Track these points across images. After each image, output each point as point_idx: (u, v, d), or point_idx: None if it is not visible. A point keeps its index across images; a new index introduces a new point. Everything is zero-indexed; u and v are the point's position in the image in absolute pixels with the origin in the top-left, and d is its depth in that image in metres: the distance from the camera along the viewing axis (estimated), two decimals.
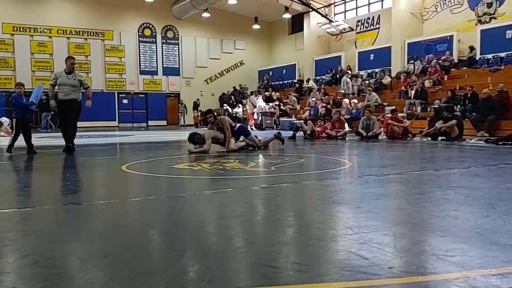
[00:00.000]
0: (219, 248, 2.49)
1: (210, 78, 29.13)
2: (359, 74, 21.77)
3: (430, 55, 18.26)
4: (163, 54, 27.77)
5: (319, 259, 2.24)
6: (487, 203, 3.52)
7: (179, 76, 28.24)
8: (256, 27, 28.21)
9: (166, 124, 27.66)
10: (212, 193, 4.31)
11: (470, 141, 10.74)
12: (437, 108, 12.83)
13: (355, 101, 17.15)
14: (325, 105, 17.53)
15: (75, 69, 8.91)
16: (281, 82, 27.64)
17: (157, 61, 27.60)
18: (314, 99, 18.95)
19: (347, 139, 12.12)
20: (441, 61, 17.63)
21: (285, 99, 22.54)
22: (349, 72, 21.43)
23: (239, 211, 3.44)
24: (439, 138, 11.28)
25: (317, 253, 2.33)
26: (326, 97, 18.81)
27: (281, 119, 20.22)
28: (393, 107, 14.62)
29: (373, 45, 22.58)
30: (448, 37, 18.34)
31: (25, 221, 3.25)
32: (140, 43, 26.99)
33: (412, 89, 16.49)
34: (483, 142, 10.23)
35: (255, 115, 20.76)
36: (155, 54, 27.55)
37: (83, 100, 8.77)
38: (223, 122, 8.51)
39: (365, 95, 18.02)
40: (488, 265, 2.07)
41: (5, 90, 22.47)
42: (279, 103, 21.55)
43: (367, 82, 20.52)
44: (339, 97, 18.04)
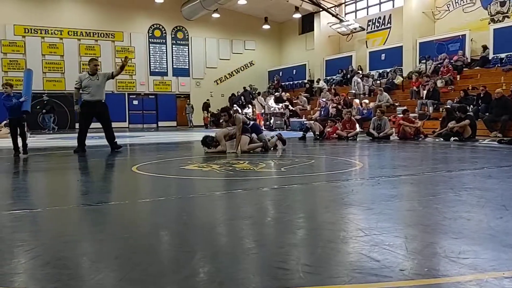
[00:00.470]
0: (230, 249, 2.49)
1: (220, 78, 29.18)
2: (370, 74, 21.66)
3: (442, 54, 18.10)
4: (173, 55, 27.88)
5: (329, 261, 2.22)
6: (500, 204, 3.48)
7: (189, 77, 28.33)
8: (266, 27, 28.18)
9: (176, 125, 27.77)
10: (222, 194, 4.31)
11: (483, 142, 10.62)
12: (449, 108, 12.72)
13: (366, 101, 17.06)
14: (335, 105, 17.45)
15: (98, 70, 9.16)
16: (291, 82, 27.58)
17: (167, 62, 27.72)
18: (324, 100, 18.87)
19: (358, 139, 12.06)
20: (453, 61, 17.48)
21: (295, 100, 22.51)
22: (360, 72, 21.32)
23: (249, 212, 3.44)
24: (452, 138, 11.17)
25: (328, 254, 2.32)
26: (336, 97, 18.73)
27: (291, 119, 20.18)
28: (405, 107, 14.51)
29: (384, 44, 22.44)
30: (460, 36, 18.16)
31: (36, 222, 3.28)
32: (150, 44, 27.13)
33: (424, 89, 16.36)
34: (496, 142, 10.12)
35: (264, 116, 20.75)
36: (165, 55, 27.67)
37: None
38: (237, 121, 8.52)
39: (376, 95, 17.92)
40: (501, 268, 2.04)
41: (17, 91, 22.66)
42: (288, 103, 21.51)
43: (378, 82, 20.40)
44: (349, 97, 17.96)
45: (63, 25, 24.64)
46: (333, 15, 23.77)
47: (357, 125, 12.95)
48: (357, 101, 17.20)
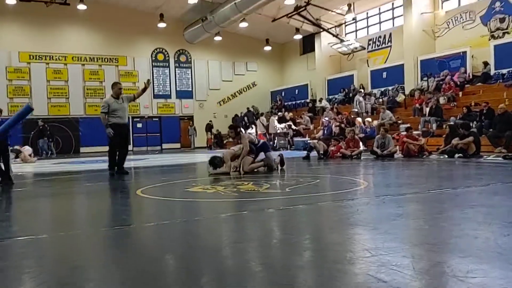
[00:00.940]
0: (236, 272, 2.48)
1: (223, 100, 29.38)
2: (372, 92, 21.74)
3: (444, 71, 18.19)
4: (176, 77, 28.13)
5: (336, 283, 2.21)
6: (508, 221, 3.45)
7: (192, 99, 28.54)
8: (267, 48, 28.48)
9: (180, 146, 27.84)
10: (227, 217, 4.30)
11: (487, 158, 10.58)
12: (452, 125, 12.71)
13: (370, 119, 17.08)
14: (338, 124, 17.48)
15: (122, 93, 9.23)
16: (294, 102, 27.76)
17: (170, 85, 27.95)
18: (327, 119, 18.93)
19: (362, 158, 12.05)
20: (455, 78, 17.55)
21: (299, 119, 22.58)
22: (362, 90, 21.42)
23: (255, 234, 3.43)
24: (456, 155, 11.14)
25: (334, 276, 2.30)
26: (339, 116, 18.79)
27: (295, 139, 20.21)
28: (408, 125, 14.51)
29: (385, 63, 22.62)
30: (461, 53, 18.29)
31: (42, 248, 3.28)
32: (153, 68, 27.40)
33: (427, 106, 16.40)
34: (501, 158, 10.08)
35: (267, 135, 20.80)
36: (168, 78, 27.92)
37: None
38: (242, 140, 8.56)
39: (378, 114, 17.95)
40: (510, 286, 2.03)
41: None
42: (291, 123, 21.57)
43: (380, 100, 20.46)
44: (352, 116, 18.00)
45: (67, 51, 24.95)
46: (333, 36, 24.01)
47: (361, 144, 12.94)
48: (359, 119, 17.22)
